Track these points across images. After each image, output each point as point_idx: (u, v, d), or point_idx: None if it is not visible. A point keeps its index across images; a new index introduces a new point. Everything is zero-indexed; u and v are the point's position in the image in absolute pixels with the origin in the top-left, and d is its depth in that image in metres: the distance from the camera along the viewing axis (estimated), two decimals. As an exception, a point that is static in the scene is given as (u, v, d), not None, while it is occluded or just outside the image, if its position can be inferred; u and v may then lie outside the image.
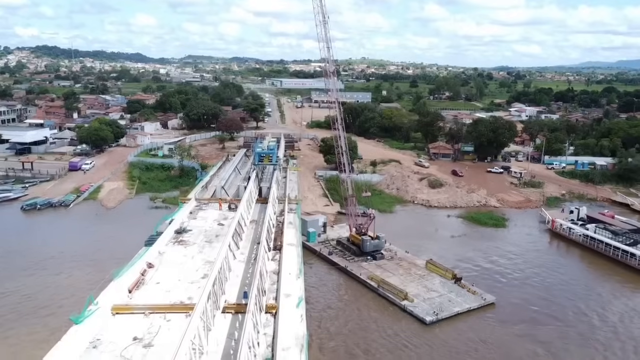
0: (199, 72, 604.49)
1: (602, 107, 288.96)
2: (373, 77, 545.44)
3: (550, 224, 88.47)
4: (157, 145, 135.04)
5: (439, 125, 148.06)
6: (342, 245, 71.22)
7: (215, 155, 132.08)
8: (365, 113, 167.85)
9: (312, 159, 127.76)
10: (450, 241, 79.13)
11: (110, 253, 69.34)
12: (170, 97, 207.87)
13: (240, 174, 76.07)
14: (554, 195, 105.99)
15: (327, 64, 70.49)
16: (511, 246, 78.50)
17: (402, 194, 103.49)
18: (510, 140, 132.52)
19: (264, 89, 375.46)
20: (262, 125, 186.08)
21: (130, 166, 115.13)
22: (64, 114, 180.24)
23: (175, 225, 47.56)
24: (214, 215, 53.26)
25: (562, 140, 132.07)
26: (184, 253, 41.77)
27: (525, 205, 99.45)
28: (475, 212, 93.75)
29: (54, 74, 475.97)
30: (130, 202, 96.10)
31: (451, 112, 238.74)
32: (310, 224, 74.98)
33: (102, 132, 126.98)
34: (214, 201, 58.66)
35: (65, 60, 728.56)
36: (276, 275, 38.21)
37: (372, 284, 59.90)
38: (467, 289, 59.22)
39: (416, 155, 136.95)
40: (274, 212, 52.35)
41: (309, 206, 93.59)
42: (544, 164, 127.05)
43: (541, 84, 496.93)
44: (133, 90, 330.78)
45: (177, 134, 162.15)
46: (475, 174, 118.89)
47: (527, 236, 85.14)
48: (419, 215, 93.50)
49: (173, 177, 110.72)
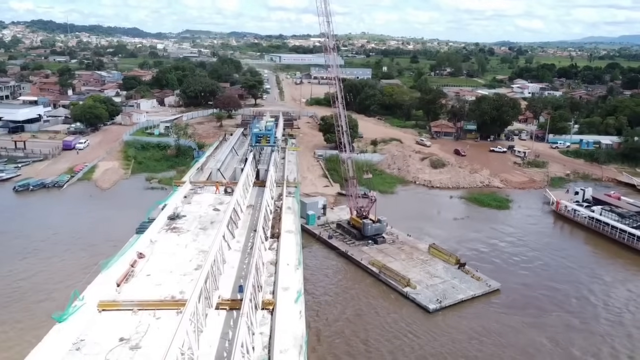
0: (196, 48, 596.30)
1: (606, 84, 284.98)
2: (373, 53, 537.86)
3: (554, 205, 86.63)
4: (153, 123, 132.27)
5: (441, 103, 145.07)
6: (343, 229, 69.40)
7: (212, 133, 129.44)
8: (366, 90, 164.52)
9: (311, 138, 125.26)
10: (452, 224, 77.35)
11: (104, 236, 67.66)
12: (167, 73, 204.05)
13: (237, 154, 73.80)
14: (558, 175, 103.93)
15: (326, 39, 67.72)
16: (514, 229, 76.75)
17: (403, 174, 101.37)
18: (514, 119, 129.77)
19: (263, 65, 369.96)
20: (260, 103, 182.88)
21: (126, 145, 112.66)
22: (58, 91, 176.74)
23: (168, 210, 45.47)
24: (210, 199, 51.20)
25: (566, 118, 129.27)
26: (176, 241, 39.79)
27: (529, 186, 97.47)
28: (478, 193, 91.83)
29: (50, 49, 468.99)
30: (126, 182, 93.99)
31: (453, 89, 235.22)
32: (309, 207, 73.04)
33: (97, 110, 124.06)
34: (209, 184, 56.54)
35: (61, 35, 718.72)
36: (274, 266, 36.36)
37: (374, 270, 58.24)
38: (471, 274, 57.60)
39: (417, 133, 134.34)
40: (272, 197, 50.26)
41: (309, 187, 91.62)
42: (548, 143, 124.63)
43: (543, 59, 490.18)
44: (130, 66, 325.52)
45: (173, 112, 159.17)
46: (478, 153, 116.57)
47: (530, 218, 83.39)
48: (420, 196, 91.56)
49: (169, 156, 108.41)
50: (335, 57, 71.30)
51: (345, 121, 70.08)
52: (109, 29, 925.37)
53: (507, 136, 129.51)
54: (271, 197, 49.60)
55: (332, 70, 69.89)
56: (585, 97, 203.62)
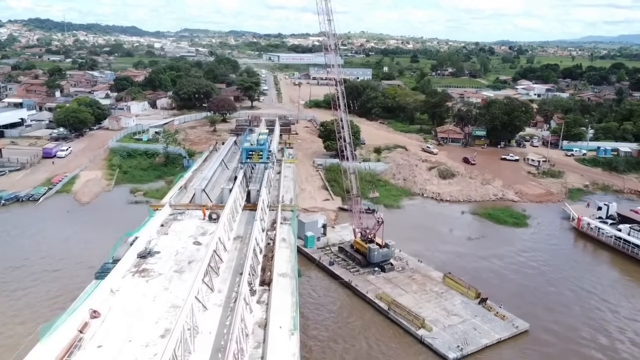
0: (194, 47, 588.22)
1: (613, 85, 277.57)
2: (372, 52, 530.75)
3: (575, 222, 79.15)
4: (142, 128, 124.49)
5: (447, 107, 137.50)
6: (345, 253, 61.78)
7: (205, 139, 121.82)
8: (367, 92, 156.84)
9: (310, 144, 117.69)
10: (467, 245, 69.70)
11: (77, 261, 60.35)
12: (160, 73, 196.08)
13: (227, 168, 66.17)
14: (576, 186, 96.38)
15: (327, 39, 60.31)
16: (535, 251, 69.14)
17: (409, 185, 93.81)
18: (526, 124, 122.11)
19: (261, 64, 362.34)
20: (257, 105, 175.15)
21: (111, 153, 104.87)
22: (45, 93, 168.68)
23: (138, 246, 37.97)
24: (191, 228, 43.62)
25: (582, 123, 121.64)
26: (144, 291, 32.23)
27: (546, 199, 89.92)
28: (492, 208, 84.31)
29: (45, 48, 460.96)
30: (108, 195, 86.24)
31: (456, 90, 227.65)
32: (308, 227, 65.46)
33: (82, 114, 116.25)
34: (192, 208, 49.00)
35: (58, 33, 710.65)
36: (262, 330, 28.82)
37: (382, 306, 50.64)
38: (495, 312, 50.06)
39: (423, 139, 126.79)
40: (263, 229, 42.60)
41: (307, 200, 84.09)
42: (563, 150, 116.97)
43: (544, 59, 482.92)
44: (124, 65, 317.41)
45: (165, 115, 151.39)
46: (488, 161, 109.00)
47: (550, 237, 75.84)
48: (429, 211, 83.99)
49: (157, 165, 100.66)
50: (337, 58, 63.88)
51: (349, 132, 62.47)
52: (107, 27, 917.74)
53: (518, 142, 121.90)
54: (262, 228, 41.98)
55: (333, 72, 62.54)
56: (594, 99, 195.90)
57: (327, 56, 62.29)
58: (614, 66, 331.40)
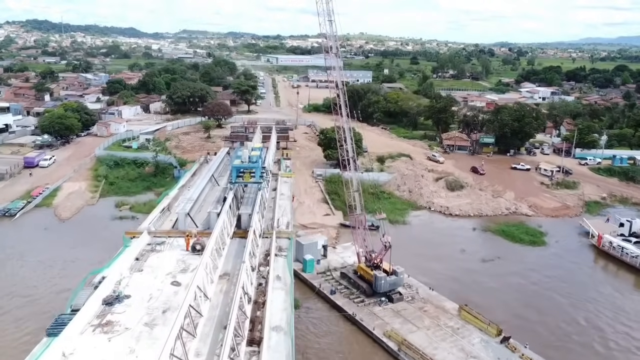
0: (192, 48, 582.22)
1: (618, 88, 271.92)
2: (372, 54, 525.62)
3: (595, 239, 73.11)
4: (133, 134, 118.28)
5: (453, 112, 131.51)
6: (349, 280, 55.63)
7: (198, 146, 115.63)
8: (368, 96, 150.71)
9: (309, 152, 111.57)
10: (482, 268, 63.55)
11: (48, 291, 54.28)
12: (155, 76, 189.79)
13: (218, 184, 60.04)
14: (593, 198, 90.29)
15: (326, 40, 54.63)
16: (557, 275, 63.01)
17: (415, 197, 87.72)
18: (537, 131, 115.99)
19: (259, 66, 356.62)
20: (254, 109, 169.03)
21: (98, 162, 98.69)
22: (33, 96, 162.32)
23: (105, 289, 31.83)
24: (171, 262, 37.51)
25: (596, 130, 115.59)
26: (104, 355, 26.14)
27: (562, 213, 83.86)
28: (505, 223, 78.22)
29: (41, 50, 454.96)
30: (91, 210, 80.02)
31: (458, 93, 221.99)
32: (307, 249, 59.30)
33: (68, 120, 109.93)
34: (174, 235, 42.87)
35: (56, 35, 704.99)
36: (248, 416, 22.73)
37: (391, 346, 44.51)
38: (520, 353, 43.94)
39: (428, 146, 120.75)
40: (253, 268, 36.37)
41: (306, 215, 78.03)
42: (576, 159, 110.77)
43: (545, 61, 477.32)
44: (120, 67, 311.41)
45: (158, 120, 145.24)
46: (497, 171, 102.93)
47: (569, 253, 69.79)
48: (437, 227, 77.84)
49: (147, 175, 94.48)
50: (339, 61, 58.26)
51: (352, 144, 56.40)
52: (105, 28, 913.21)
53: (528, 150, 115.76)
54: (252, 267, 35.80)
55: (334, 75, 56.95)
56: (602, 103, 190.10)
57: (328, 59, 56.49)
58: (617, 68, 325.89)
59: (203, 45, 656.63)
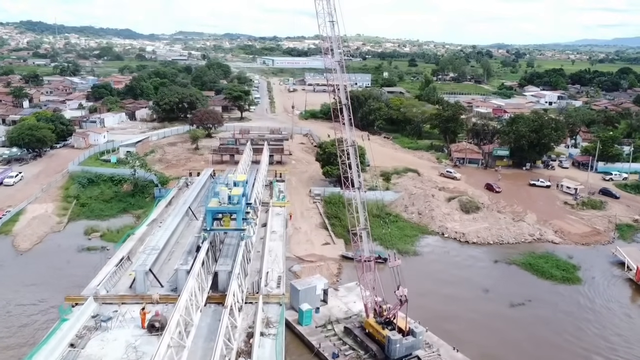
0: (187, 49, 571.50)
1: (625, 91, 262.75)
2: (369, 55, 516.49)
3: (634, 272, 63.29)
4: (113, 146, 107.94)
5: (462, 120, 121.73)
6: (354, 338, 45.53)
7: (184, 159, 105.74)
8: (369, 102, 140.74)
9: (306, 167, 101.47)
10: (510, 315, 53.47)
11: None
12: (143, 81, 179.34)
13: (196, 219, 50.02)
14: (624, 221, 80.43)
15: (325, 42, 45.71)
16: (599, 320, 53.22)
17: (426, 220, 77.80)
18: (557, 143, 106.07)
19: (254, 69, 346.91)
20: (248, 116, 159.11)
21: (70, 179, 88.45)
22: (11, 103, 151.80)
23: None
24: (119, 348, 27.57)
25: (621, 141, 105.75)
26: None
27: (593, 240, 73.93)
28: (530, 253, 68.28)
29: (33, 52, 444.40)
30: (56, 238, 69.62)
31: (461, 97, 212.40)
32: (303, 296, 49.07)
33: (40, 131, 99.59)
34: (130, 300, 32.97)
35: (50, 36, 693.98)
36: None
37: None
38: None
39: (435, 159, 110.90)
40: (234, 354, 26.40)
41: (302, 245, 68.01)
42: (598, 173, 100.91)
43: (544, 63, 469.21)
44: (111, 70, 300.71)
45: (144, 128, 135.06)
46: (514, 188, 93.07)
47: (607, 294, 59.94)
48: (453, 259, 67.77)
49: (124, 194, 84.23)
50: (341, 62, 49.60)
51: (358, 170, 46.44)
52: (101, 30, 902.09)
53: (546, 163, 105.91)
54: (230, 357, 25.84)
55: (336, 78, 48.36)
56: (613, 109, 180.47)
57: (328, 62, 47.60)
58: (621, 71, 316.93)
59: (198, 46, 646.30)
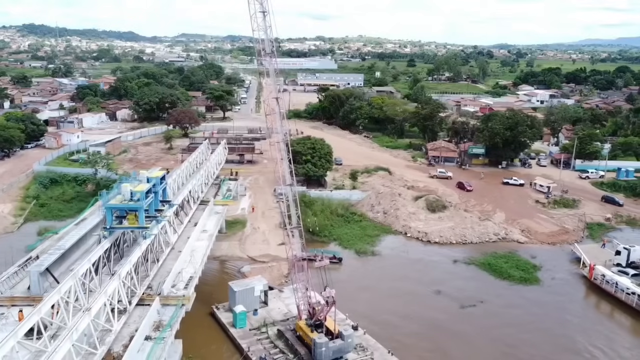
0: (188, 52, 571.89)
1: (620, 90, 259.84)
2: (369, 56, 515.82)
3: (587, 270, 61.16)
4: (85, 146, 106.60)
5: (440, 118, 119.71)
6: (286, 342, 43.80)
7: (155, 159, 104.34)
8: (350, 101, 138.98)
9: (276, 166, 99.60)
10: (459, 317, 51.49)
11: None
12: (127, 81, 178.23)
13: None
14: (595, 219, 78.35)
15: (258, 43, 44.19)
16: (549, 323, 51.24)
17: (390, 220, 75.98)
18: (533, 140, 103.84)
19: (250, 70, 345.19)
20: (230, 116, 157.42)
21: (33, 179, 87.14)
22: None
23: None
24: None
25: (599, 139, 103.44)
26: None
27: (560, 239, 71.85)
28: (492, 253, 66.36)
29: (32, 54, 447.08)
30: (6, 240, 68.07)
31: (453, 97, 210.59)
32: (240, 297, 47.43)
33: (8, 131, 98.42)
34: (21, 302, 31.37)
35: (52, 39, 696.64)
36: None
37: None
38: None
39: (411, 157, 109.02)
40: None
41: (258, 245, 66.48)
42: (576, 171, 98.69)
43: (545, 62, 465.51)
44: (104, 71, 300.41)
45: (123, 128, 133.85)
46: (487, 186, 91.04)
47: (566, 294, 57.93)
48: (412, 258, 65.88)
49: (86, 194, 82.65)
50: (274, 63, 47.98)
51: (291, 171, 44.78)
52: (103, 32, 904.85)
53: (523, 162, 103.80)
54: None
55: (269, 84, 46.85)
56: (604, 107, 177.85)
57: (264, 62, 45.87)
58: (618, 70, 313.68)
59: (199, 48, 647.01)
